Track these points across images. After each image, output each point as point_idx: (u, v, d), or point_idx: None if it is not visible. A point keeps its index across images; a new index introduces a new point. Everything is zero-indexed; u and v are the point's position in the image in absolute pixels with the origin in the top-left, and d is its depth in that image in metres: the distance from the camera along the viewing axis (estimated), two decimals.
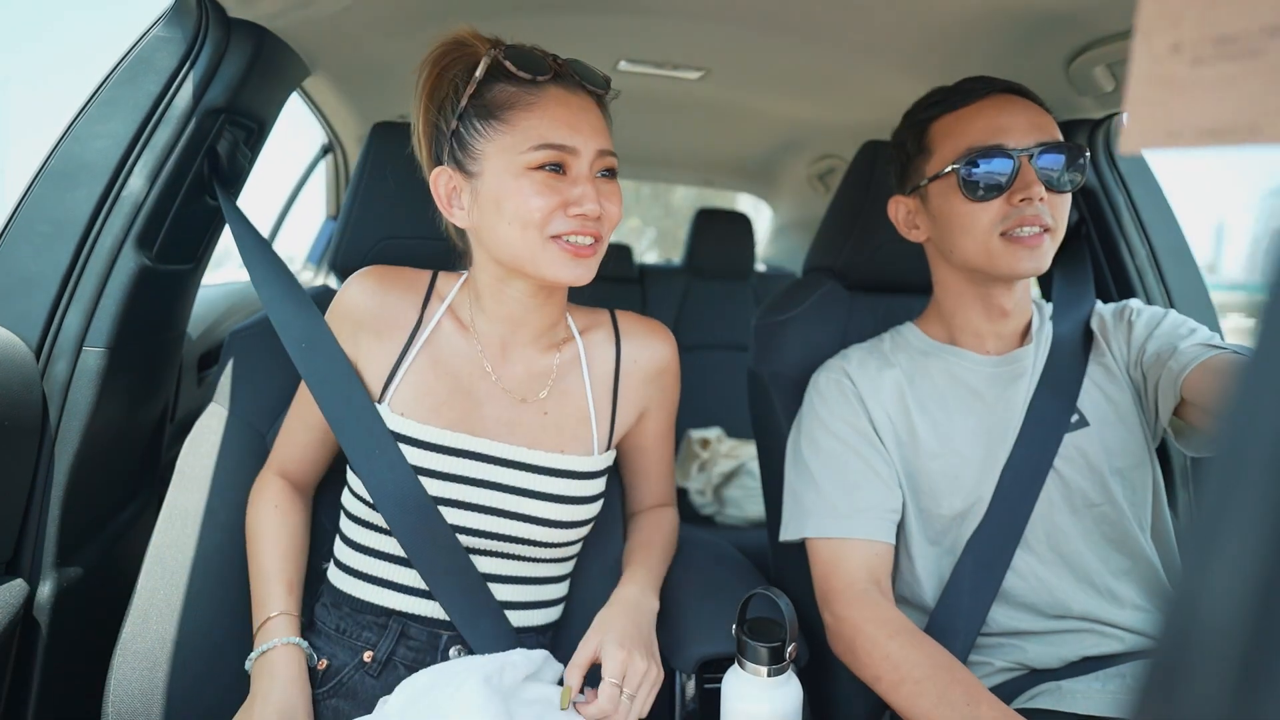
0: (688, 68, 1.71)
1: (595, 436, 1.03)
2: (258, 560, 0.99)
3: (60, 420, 1.02)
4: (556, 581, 1.06)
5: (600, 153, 0.91)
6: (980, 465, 1.04)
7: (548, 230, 0.89)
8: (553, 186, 0.88)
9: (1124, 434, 1.05)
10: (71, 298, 1.03)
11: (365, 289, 1.00)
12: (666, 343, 1.12)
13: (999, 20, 1.20)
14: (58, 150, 1.05)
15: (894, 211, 1.15)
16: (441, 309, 1.01)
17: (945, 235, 1.06)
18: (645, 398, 1.09)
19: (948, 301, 1.12)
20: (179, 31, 1.09)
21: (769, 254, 3.64)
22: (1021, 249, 0.99)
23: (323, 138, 2.43)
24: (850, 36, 1.38)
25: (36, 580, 1.00)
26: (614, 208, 0.93)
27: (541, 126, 0.89)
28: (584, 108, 0.92)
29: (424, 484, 0.94)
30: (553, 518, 0.98)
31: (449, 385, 0.98)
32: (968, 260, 1.04)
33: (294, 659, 0.91)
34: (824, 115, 2.06)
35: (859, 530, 1.01)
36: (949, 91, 1.07)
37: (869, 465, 1.04)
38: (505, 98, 0.90)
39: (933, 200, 1.06)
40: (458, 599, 0.95)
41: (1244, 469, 0.23)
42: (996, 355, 1.10)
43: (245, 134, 1.25)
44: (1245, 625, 0.22)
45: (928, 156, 1.07)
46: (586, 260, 0.91)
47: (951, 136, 1.03)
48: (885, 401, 1.08)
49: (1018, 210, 0.98)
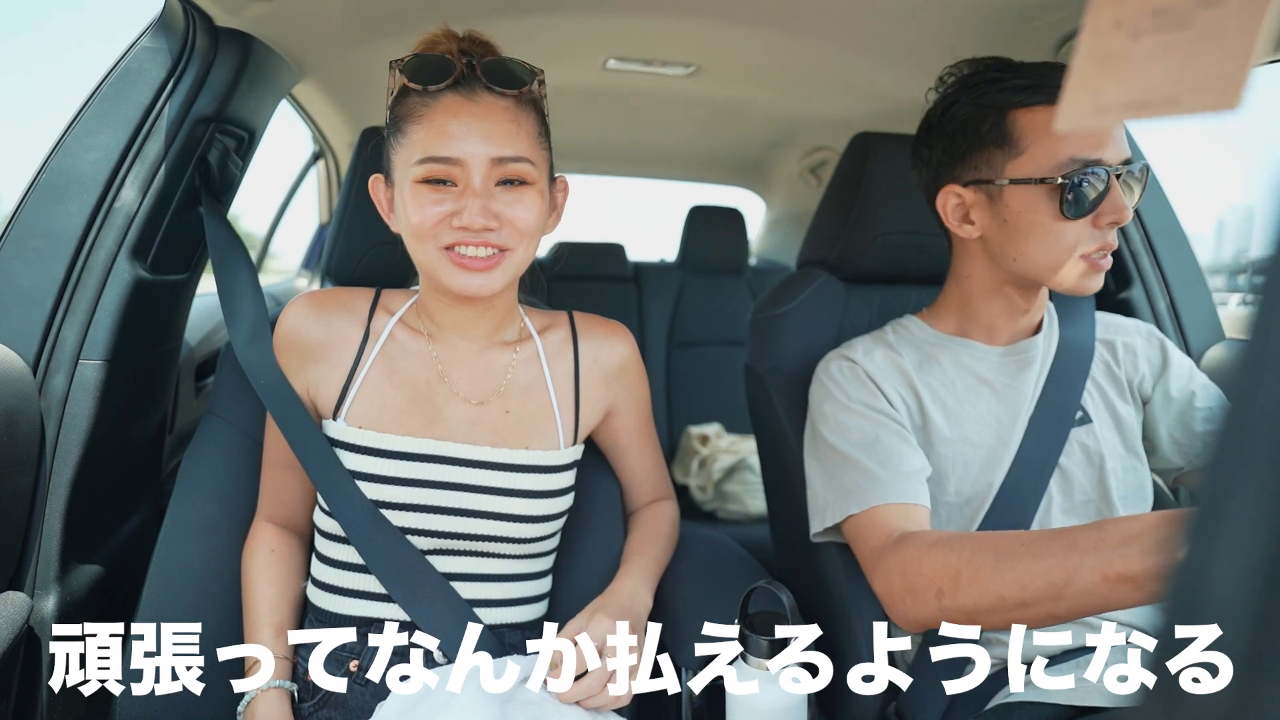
0: (676, 65, 1.71)
1: (560, 431, 1.04)
2: (248, 603, 0.99)
3: (59, 434, 1.02)
4: (534, 578, 1.06)
5: (496, 160, 0.88)
6: (989, 452, 1.04)
7: (439, 241, 0.89)
8: (438, 199, 0.88)
9: (1121, 436, 1.06)
10: (67, 311, 1.03)
11: (301, 316, 0.99)
12: (624, 342, 1.11)
13: (986, 10, 1.20)
14: (49, 164, 1.05)
15: (943, 202, 1.03)
16: (391, 321, 1.01)
17: (1014, 242, 0.97)
18: (610, 395, 1.10)
19: (974, 298, 1.08)
20: (166, 42, 1.09)
21: (762, 248, 3.64)
22: (1095, 273, 0.96)
23: (313, 144, 2.43)
24: (838, 28, 1.38)
25: (39, 595, 1.00)
26: (519, 215, 0.90)
27: (426, 139, 0.88)
28: (481, 114, 0.89)
29: (391, 492, 0.95)
30: (522, 513, 0.99)
31: (407, 394, 0.99)
32: (1030, 272, 0.98)
33: (278, 705, 0.92)
34: (814, 108, 2.06)
35: (901, 495, 0.96)
36: (1031, 72, 0.95)
37: (898, 434, 1.01)
38: (406, 109, 0.90)
39: (1009, 204, 0.96)
40: (424, 602, 0.95)
41: (1245, 459, 0.23)
42: (1005, 345, 1.09)
43: (236, 142, 1.24)
44: (1248, 617, 0.22)
45: (1012, 153, 0.95)
46: (483, 273, 0.90)
47: (1049, 138, 0.93)
48: (896, 385, 1.06)
49: (1102, 234, 0.94)
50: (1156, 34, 0.29)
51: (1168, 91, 0.28)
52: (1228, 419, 0.23)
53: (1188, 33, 0.28)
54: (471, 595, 0.99)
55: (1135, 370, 1.11)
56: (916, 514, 0.96)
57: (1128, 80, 0.30)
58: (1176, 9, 0.28)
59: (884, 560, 0.92)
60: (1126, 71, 0.30)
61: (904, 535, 0.91)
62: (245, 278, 1.08)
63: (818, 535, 1.06)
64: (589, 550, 1.12)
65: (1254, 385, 0.23)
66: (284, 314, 1.00)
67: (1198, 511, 0.24)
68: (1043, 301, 1.09)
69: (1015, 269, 1.00)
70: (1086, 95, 0.31)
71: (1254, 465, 0.22)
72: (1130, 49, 0.30)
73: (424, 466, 0.97)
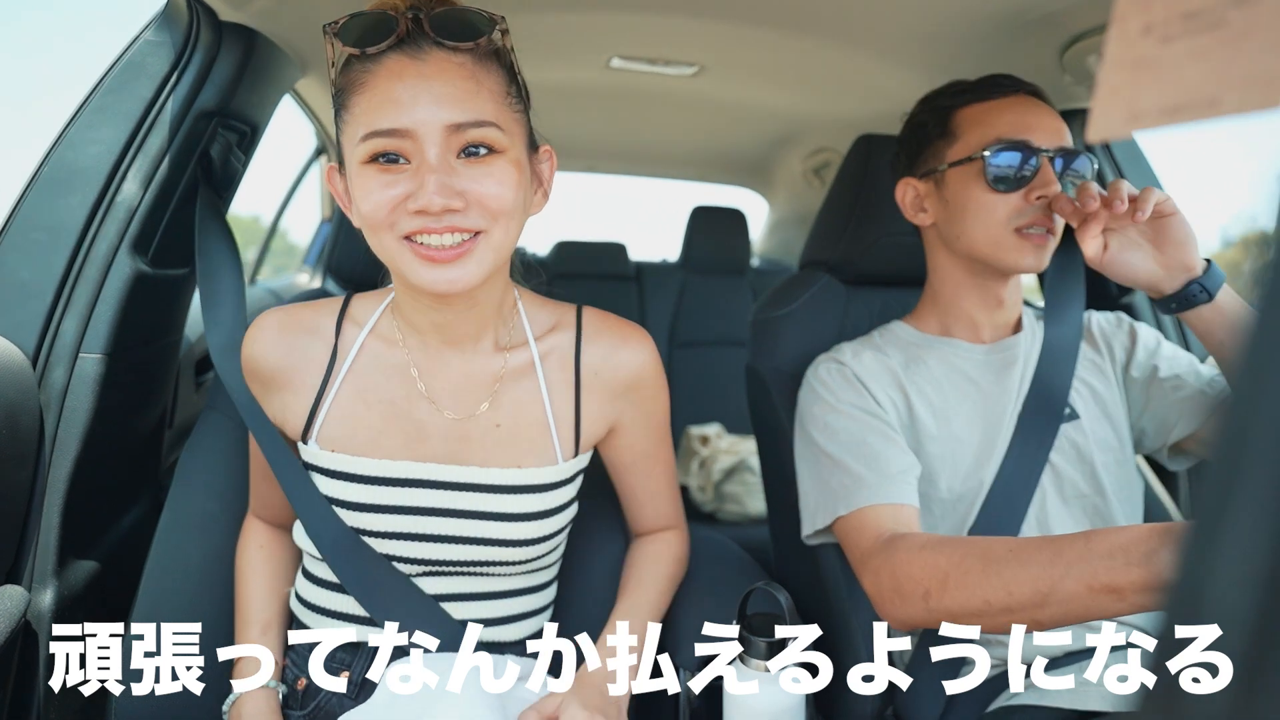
0: (681, 64, 1.70)
1: (558, 444, 0.92)
2: (239, 600, 0.98)
3: (58, 427, 1.01)
4: (536, 591, 0.99)
5: (453, 127, 0.74)
6: (978, 449, 1.05)
7: (397, 231, 0.76)
8: (389, 180, 0.74)
9: (1110, 430, 1.08)
10: (67, 304, 1.03)
11: (259, 343, 0.90)
12: (637, 351, 0.96)
13: (992, 11, 1.20)
14: (51, 157, 1.05)
15: (902, 194, 1.14)
16: (362, 335, 0.91)
17: (956, 221, 1.06)
18: (613, 412, 0.96)
19: (945, 291, 1.13)
20: (170, 35, 1.09)
21: (766, 249, 3.64)
22: (1028, 245, 1.01)
23: (315, 140, 2.43)
24: (843, 29, 1.38)
25: (36, 588, 1.00)
26: (488, 191, 0.75)
27: (369, 111, 0.74)
28: (430, 74, 0.74)
29: (370, 519, 0.88)
30: (516, 537, 0.90)
31: (383, 413, 0.89)
32: (974, 249, 1.05)
33: (263, 704, 0.90)
34: (818, 109, 2.06)
35: (888, 496, 0.98)
36: (977, 83, 1.08)
37: (885, 436, 1.03)
38: (348, 79, 0.77)
39: (949, 185, 1.06)
40: (411, 628, 0.89)
41: (1248, 458, 0.22)
42: (989, 344, 1.12)
43: (238, 137, 1.24)
44: (1249, 619, 0.22)
45: (951, 141, 1.06)
46: (451, 265, 0.76)
47: (980, 125, 1.03)
48: (884, 385, 1.08)
49: (1033, 208, 1.00)
50: (1189, 37, 0.28)
51: (1208, 94, 0.28)
52: (1230, 418, 0.23)
53: (1223, 33, 0.27)
54: (466, 615, 0.93)
55: (1113, 352, 1.14)
56: (905, 514, 0.97)
57: (1163, 85, 0.29)
58: (1208, 10, 0.28)
59: (873, 561, 0.93)
60: (1160, 77, 0.29)
61: (893, 537, 0.92)
62: (229, 283, 1.05)
63: (809, 537, 1.07)
64: (592, 550, 1.11)
65: (1256, 386, 0.23)
66: (246, 339, 0.91)
67: (1199, 510, 0.24)
68: (1016, 295, 1.12)
69: (961, 248, 1.07)
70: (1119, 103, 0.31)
71: (1256, 465, 0.22)
72: (1162, 54, 0.29)
73: (404, 491, 0.88)
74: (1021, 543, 0.79)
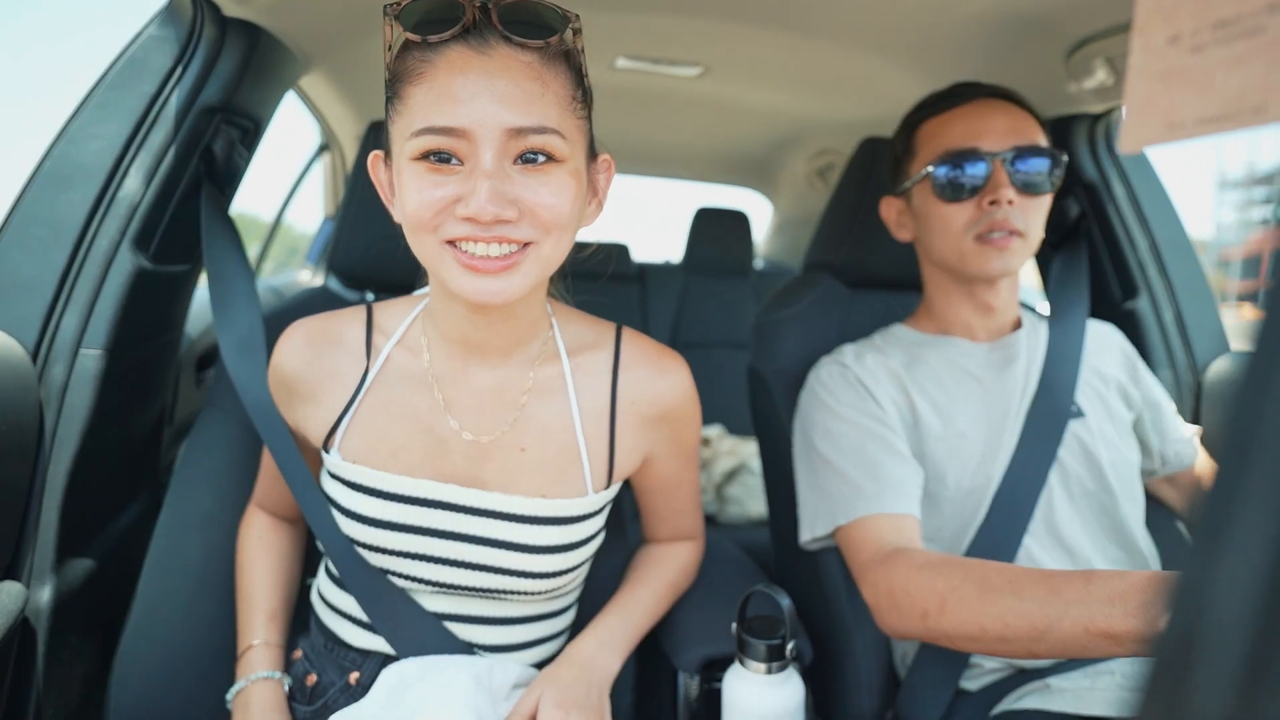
0: (686, 64, 1.70)
1: (589, 474, 0.87)
2: (243, 590, 0.98)
3: (58, 423, 1.01)
4: (552, 617, 0.96)
5: (513, 131, 0.69)
6: (984, 445, 1.05)
7: (441, 234, 0.71)
8: (439, 180, 0.70)
9: (1114, 430, 1.09)
10: (68, 300, 1.02)
11: (291, 354, 0.88)
12: (674, 381, 0.91)
13: (997, 15, 1.19)
14: (53, 152, 1.04)
15: (885, 211, 1.19)
16: (389, 344, 0.87)
17: (925, 235, 1.10)
18: (647, 443, 0.92)
19: (938, 298, 1.15)
20: (173, 30, 1.09)
21: (770, 250, 3.64)
22: (991, 250, 1.02)
23: (319, 137, 2.42)
24: (849, 32, 1.38)
25: (35, 585, 1.00)
26: (544, 202, 0.71)
27: (425, 104, 0.69)
28: (494, 70, 0.69)
29: (383, 537, 0.85)
30: (535, 570, 0.85)
31: (406, 426, 0.85)
32: (943, 260, 1.08)
33: (269, 695, 0.89)
34: (822, 111, 2.06)
35: (888, 506, 0.98)
36: (938, 96, 1.10)
37: (886, 442, 1.03)
38: (405, 66, 0.72)
39: (915, 201, 1.11)
40: (413, 644, 0.87)
41: (1251, 464, 0.22)
42: (989, 342, 1.13)
43: (241, 133, 1.24)
44: (1251, 621, 0.22)
45: (912, 158, 1.10)
46: (496, 276, 0.71)
47: (932, 139, 1.07)
48: (887, 387, 1.09)
49: (988, 214, 1.01)
50: (1223, 45, 0.28)
51: (1252, 101, 0.27)
52: (1234, 425, 0.23)
53: (1262, 39, 0.27)
54: (473, 639, 0.90)
55: (1115, 366, 1.16)
56: (906, 525, 0.97)
57: (1200, 95, 0.29)
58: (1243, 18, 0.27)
59: (872, 574, 0.93)
60: (1196, 86, 0.29)
61: (895, 552, 0.93)
62: (240, 283, 1.05)
63: (807, 544, 1.07)
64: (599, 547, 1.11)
65: (1260, 396, 0.22)
66: (278, 348, 0.89)
67: (1202, 516, 0.24)
68: (1009, 299, 1.13)
69: (934, 259, 1.10)
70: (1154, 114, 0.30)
71: (1258, 473, 0.22)
72: (1193, 63, 0.29)
73: (421, 511, 0.84)
74: (1019, 574, 0.79)
